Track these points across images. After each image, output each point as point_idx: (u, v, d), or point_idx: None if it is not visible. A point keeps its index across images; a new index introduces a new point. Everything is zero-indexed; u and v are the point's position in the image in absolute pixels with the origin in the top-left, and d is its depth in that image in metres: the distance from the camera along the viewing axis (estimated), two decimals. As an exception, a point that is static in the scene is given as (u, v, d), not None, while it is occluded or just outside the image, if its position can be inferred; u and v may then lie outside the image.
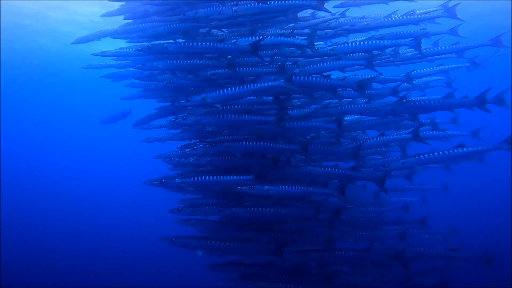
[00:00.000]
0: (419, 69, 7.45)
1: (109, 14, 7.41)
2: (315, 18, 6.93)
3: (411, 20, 6.53)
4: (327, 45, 6.70)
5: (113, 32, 7.21)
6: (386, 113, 6.30)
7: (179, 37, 6.59)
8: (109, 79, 8.24)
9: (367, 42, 6.19)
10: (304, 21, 6.83)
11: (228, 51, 6.07)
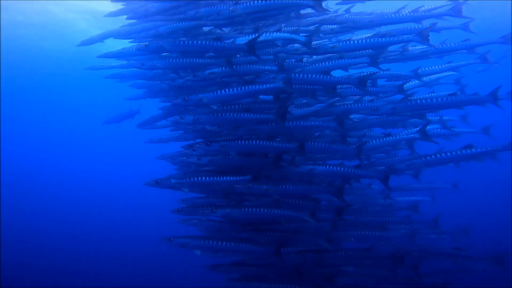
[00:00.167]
0: (428, 67, 7.29)
1: (112, 14, 7.39)
2: (318, 15, 6.80)
3: (416, 17, 6.35)
4: (331, 42, 6.60)
5: (116, 32, 7.19)
6: (387, 112, 6.15)
7: (180, 36, 6.54)
8: (112, 79, 8.25)
9: (369, 40, 6.03)
10: (306, 18, 6.71)
11: (224, 49, 6.00)
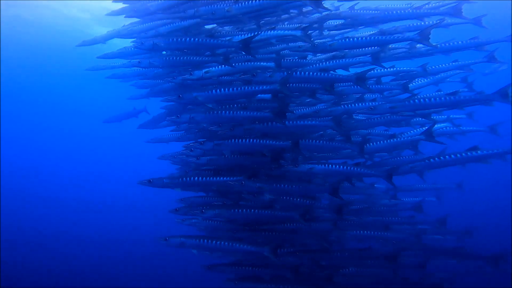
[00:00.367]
0: (434, 65, 7.16)
1: (114, 14, 7.38)
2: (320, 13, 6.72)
3: (419, 14, 6.23)
4: (333, 39, 6.50)
5: (117, 33, 7.18)
6: (385, 111, 6.03)
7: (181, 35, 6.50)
8: (115, 79, 8.24)
9: (369, 38, 5.94)
10: (308, 16, 6.63)
11: (219, 47, 5.97)
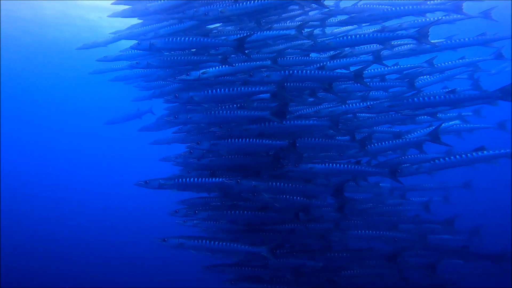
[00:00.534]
0: (441, 63, 7.04)
1: (115, 15, 7.39)
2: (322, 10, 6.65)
3: (421, 11, 6.12)
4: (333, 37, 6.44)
5: (118, 36, 7.20)
6: (382, 110, 5.93)
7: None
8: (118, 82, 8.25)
9: (368, 36, 5.87)
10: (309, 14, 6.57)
11: (214, 46, 5.96)
